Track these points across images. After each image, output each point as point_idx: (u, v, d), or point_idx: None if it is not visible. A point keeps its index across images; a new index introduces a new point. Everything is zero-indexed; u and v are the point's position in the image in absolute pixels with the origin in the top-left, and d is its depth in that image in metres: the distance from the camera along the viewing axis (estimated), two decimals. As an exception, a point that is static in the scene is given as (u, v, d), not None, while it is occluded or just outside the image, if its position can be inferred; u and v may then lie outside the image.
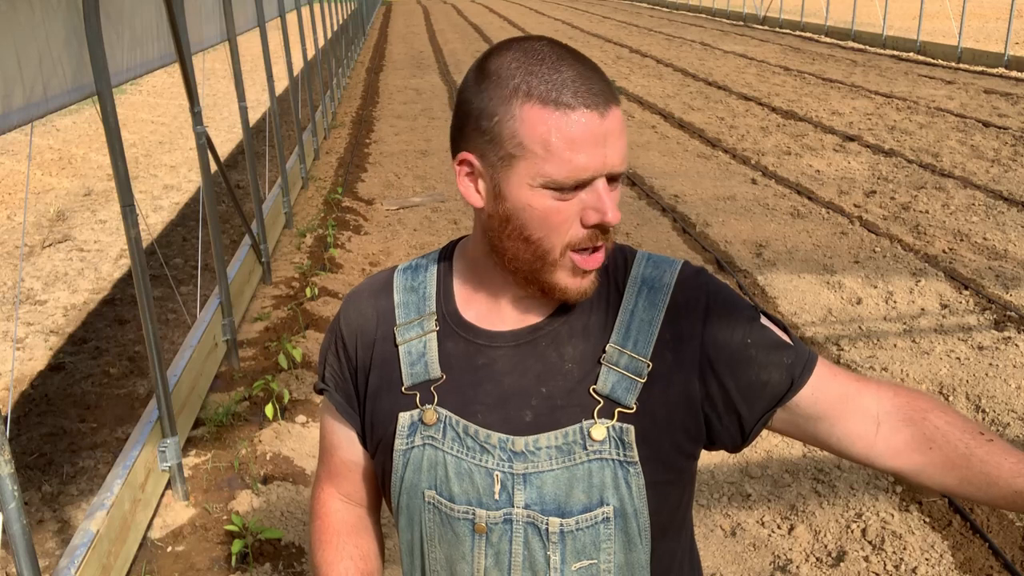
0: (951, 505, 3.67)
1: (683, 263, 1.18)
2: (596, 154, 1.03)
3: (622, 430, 1.10)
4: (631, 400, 1.11)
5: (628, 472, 1.10)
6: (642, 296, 1.15)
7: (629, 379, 1.11)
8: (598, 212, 1.05)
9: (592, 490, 1.10)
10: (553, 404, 1.12)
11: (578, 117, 1.02)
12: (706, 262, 6.62)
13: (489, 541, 1.13)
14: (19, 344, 5.64)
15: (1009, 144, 10.03)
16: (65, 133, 12.98)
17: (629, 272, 1.17)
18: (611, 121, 1.04)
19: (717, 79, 15.77)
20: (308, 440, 4.28)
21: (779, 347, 1.15)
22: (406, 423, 1.16)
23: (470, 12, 37.32)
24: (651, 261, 1.18)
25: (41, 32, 2.95)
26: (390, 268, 1.29)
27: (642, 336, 1.12)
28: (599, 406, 1.11)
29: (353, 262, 6.86)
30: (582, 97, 1.02)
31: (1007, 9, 20.50)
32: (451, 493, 1.14)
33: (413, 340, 1.18)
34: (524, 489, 1.11)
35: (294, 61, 10.07)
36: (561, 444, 1.11)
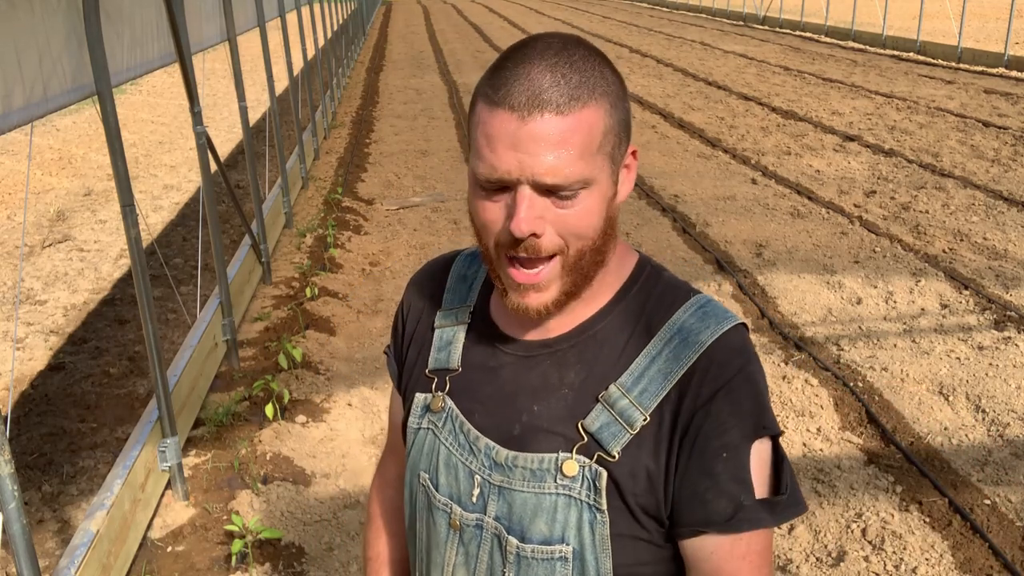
0: (951, 505, 3.67)
1: (733, 326, 1.07)
2: (510, 157, 0.99)
3: (596, 473, 1.05)
4: (615, 448, 1.05)
5: (595, 517, 1.05)
6: (671, 346, 1.06)
7: (619, 426, 1.05)
8: (509, 219, 1.01)
9: (555, 524, 1.07)
10: (539, 425, 1.09)
11: (497, 116, 0.99)
12: (706, 262, 6.62)
13: (461, 540, 1.15)
14: (19, 344, 5.64)
15: (1009, 144, 10.03)
16: (65, 133, 12.98)
17: (672, 315, 1.09)
18: (534, 127, 0.98)
19: (717, 79, 15.77)
20: (308, 440, 4.28)
21: (743, 483, 1.03)
22: (419, 404, 1.20)
23: (470, 12, 37.31)
24: (701, 311, 1.08)
25: (41, 32, 2.95)
26: (458, 250, 1.31)
27: (652, 387, 1.06)
28: (581, 443, 1.06)
29: (353, 262, 6.86)
30: (510, 97, 0.99)
31: (1007, 9, 20.49)
32: (438, 482, 1.16)
33: (447, 327, 1.21)
34: (497, 501, 1.11)
35: (294, 61, 10.07)
36: (535, 468, 1.08)
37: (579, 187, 1.01)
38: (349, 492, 3.89)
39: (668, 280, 1.14)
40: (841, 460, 4.04)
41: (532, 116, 0.98)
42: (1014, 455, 4.03)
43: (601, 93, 1.02)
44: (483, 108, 1.02)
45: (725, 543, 1.04)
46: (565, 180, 0.99)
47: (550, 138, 0.98)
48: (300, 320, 5.49)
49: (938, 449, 4.11)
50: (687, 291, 1.12)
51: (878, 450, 4.11)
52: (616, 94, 1.04)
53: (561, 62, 1.00)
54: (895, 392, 4.64)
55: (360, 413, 4.56)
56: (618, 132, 1.04)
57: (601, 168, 1.02)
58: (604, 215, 1.05)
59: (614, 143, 1.04)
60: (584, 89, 1.00)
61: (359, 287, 6.35)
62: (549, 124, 0.98)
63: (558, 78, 0.99)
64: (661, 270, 1.16)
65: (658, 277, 1.14)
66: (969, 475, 3.90)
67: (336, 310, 5.83)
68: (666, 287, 1.13)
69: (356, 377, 4.93)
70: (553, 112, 0.98)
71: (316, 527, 3.63)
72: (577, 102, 0.99)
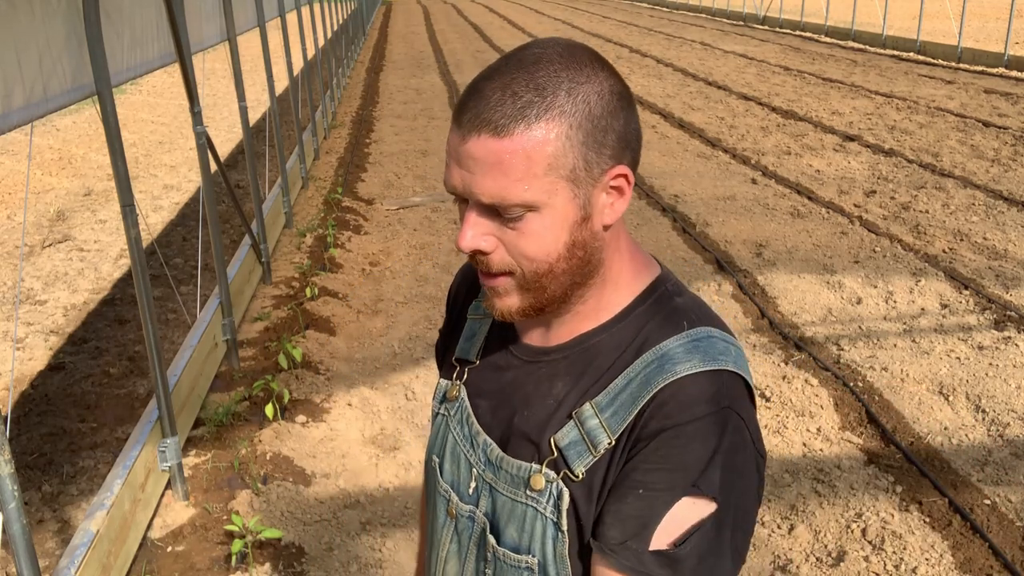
0: (951, 505, 3.67)
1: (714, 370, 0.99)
2: (456, 173, 0.98)
3: (560, 491, 1.03)
4: (579, 468, 1.02)
5: (556, 534, 1.04)
6: (647, 370, 1.01)
7: (585, 446, 1.02)
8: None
9: (523, 534, 1.06)
10: (522, 431, 1.09)
11: (451, 129, 1.00)
12: (706, 262, 6.62)
13: (456, 529, 1.17)
14: (19, 344, 5.64)
15: (1009, 144, 10.03)
16: (65, 133, 12.98)
17: (663, 340, 1.03)
18: (472, 147, 0.95)
19: (717, 79, 15.77)
20: (308, 440, 4.28)
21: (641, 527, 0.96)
22: (441, 389, 1.24)
23: (470, 12, 37.31)
24: (692, 343, 1.02)
25: (41, 32, 2.95)
26: None
27: (620, 411, 1.01)
28: (551, 457, 1.05)
29: (353, 262, 6.86)
30: (460, 113, 0.97)
31: (1007, 9, 20.49)
32: (443, 468, 1.20)
33: (476, 319, 1.23)
34: (488, 497, 1.12)
35: (294, 61, 10.07)
36: (515, 474, 1.08)
37: (522, 211, 0.97)
38: (349, 492, 3.89)
39: (679, 305, 1.07)
40: (841, 460, 4.04)
41: (471, 135, 0.96)
42: (1014, 455, 4.03)
43: (558, 113, 0.95)
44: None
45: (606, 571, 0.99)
46: (502, 202, 0.96)
47: (486, 159, 0.95)
48: (300, 320, 5.49)
49: (938, 449, 4.11)
50: (695, 320, 1.05)
51: (878, 450, 4.11)
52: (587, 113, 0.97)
53: (521, 78, 0.96)
54: (895, 392, 4.64)
55: (360, 413, 4.56)
56: (582, 154, 0.97)
57: (553, 192, 0.97)
58: (565, 239, 1.00)
59: (575, 165, 0.97)
60: (533, 109, 0.94)
61: (359, 287, 6.34)
62: (485, 145, 0.95)
63: (507, 96, 0.95)
64: (677, 293, 1.09)
65: (669, 299, 1.08)
66: (969, 475, 3.90)
67: (336, 310, 5.83)
68: (673, 311, 1.06)
69: (356, 377, 4.93)
70: (490, 133, 0.95)
71: (316, 527, 3.63)
72: (519, 122, 0.94)
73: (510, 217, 0.98)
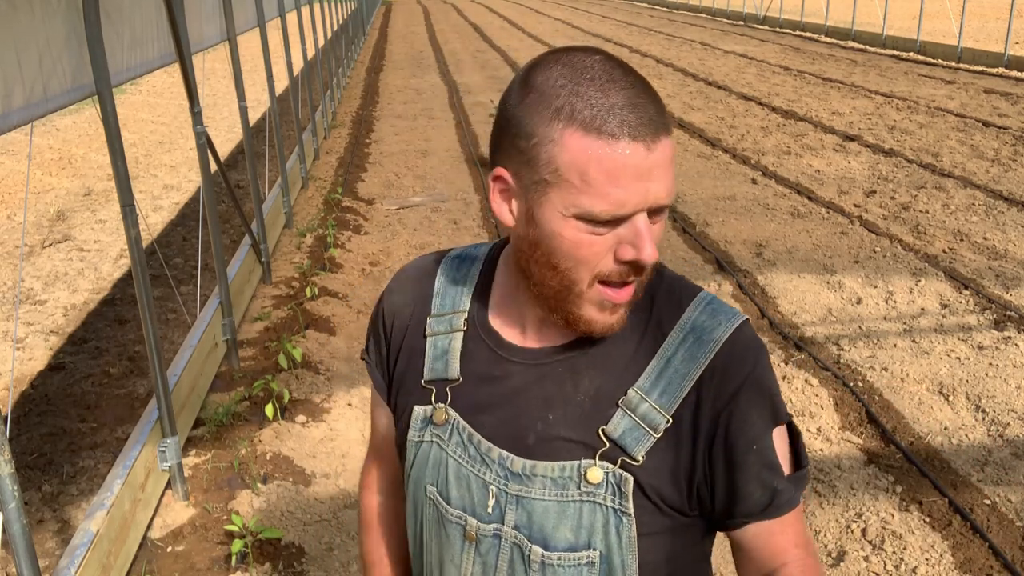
0: (951, 505, 3.67)
1: (742, 322, 1.09)
2: (637, 189, 0.96)
3: (621, 478, 1.05)
4: (639, 452, 1.05)
5: (621, 521, 1.06)
6: (685, 346, 1.06)
7: (642, 430, 1.05)
8: (634, 249, 0.99)
9: (580, 531, 1.07)
10: (557, 434, 1.08)
11: (622, 149, 0.94)
12: (706, 262, 6.62)
13: (478, 551, 1.12)
14: (19, 344, 5.64)
15: (1009, 144, 10.03)
16: (65, 133, 12.98)
17: (681, 314, 1.08)
18: (659, 153, 0.96)
19: (717, 79, 15.77)
20: (308, 440, 4.28)
21: (774, 469, 1.08)
22: (419, 417, 1.16)
23: (470, 12, 37.31)
24: (709, 308, 1.09)
25: (41, 32, 2.95)
26: (441, 252, 1.26)
27: (671, 389, 1.05)
28: (603, 449, 1.06)
29: (353, 262, 6.86)
30: (629, 127, 0.94)
31: (1007, 9, 20.50)
32: (448, 495, 1.14)
33: (440, 335, 1.17)
34: (515, 510, 1.09)
35: (294, 61, 10.07)
36: (556, 477, 1.07)
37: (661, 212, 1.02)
38: (349, 492, 3.89)
39: (669, 278, 1.13)
40: (841, 460, 4.04)
41: (657, 143, 0.96)
42: (1014, 455, 4.03)
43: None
44: (592, 143, 0.95)
45: (769, 526, 1.09)
46: (671, 199, 1.00)
47: (668, 159, 0.97)
48: (300, 320, 5.49)
49: (938, 449, 4.11)
50: (691, 289, 1.12)
51: (878, 450, 4.11)
52: None
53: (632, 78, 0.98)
54: (895, 392, 4.64)
55: (360, 413, 4.56)
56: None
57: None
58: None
59: None
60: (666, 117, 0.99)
61: (359, 287, 6.35)
62: (666, 146, 0.97)
63: (650, 96, 0.97)
64: (661, 268, 1.14)
65: (660, 276, 1.13)
66: (969, 475, 3.90)
67: (336, 310, 5.83)
68: (670, 286, 1.12)
69: (356, 377, 4.93)
70: (665, 134, 0.97)
71: (316, 527, 3.63)
72: (666, 129, 0.98)
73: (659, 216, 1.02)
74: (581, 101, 0.96)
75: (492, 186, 1.05)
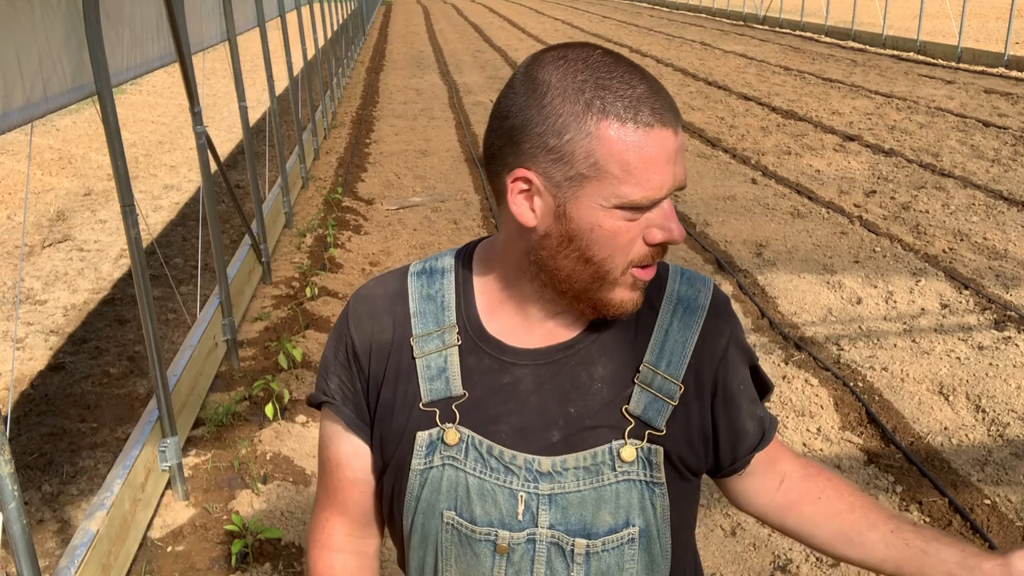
0: (951, 505, 3.67)
1: (713, 285, 1.19)
2: (667, 172, 1.00)
3: (651, 451, 1.11)
4: (662, 422, 1.11)
5: (655, 493, 1.11)
6: (677, 316, 1.15)
7: (661, 401, 1.11)
8: (664, 231, 1.03)
9: (619, 511, 1.10)
10: (582, 424, 1.10)
11: (657, 136, 0.99)
12: (706, 262, 6.62)
13: (510, 561, 1.10)
14: (19, 344, 5.65)
15: (1009, 144, 10.03)
16: (65, 133, 12.98)
17: (664, 288, 1.16)
18: (681, 136, 1.03)
19: (717, 79, 15.77)
20: (308, 440, 4.28)
21: (755, 402, 1.23)
22: (424, 442, 1.11)
23: (470, 12, 37.31)
24: (685, 277, 1.18)
25: (41, 32, 2.95)
26: (401, 269, 1.21)
27: (675, 357, 1.13)
28: (630, 427, 1.10)
29: (353, 262, 6.86)
30: (659, 115, 0.99)
31: (1007, 9, 20.50)
32: (472, 514, 1.10)
33: (432, 354, 1.12)
34: (549, 510, 1.09)
35: (294, 61, 10.07)
36: (589, 465, 1.09)
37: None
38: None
39: None
40: (841, 460, 4.04)
41: (678, 129, 1.03)
42: (1014, 455, 4.03)
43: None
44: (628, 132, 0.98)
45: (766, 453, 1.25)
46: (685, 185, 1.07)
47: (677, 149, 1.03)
48: (300, 320, 5.49)
49: (938, 449, 4.11)
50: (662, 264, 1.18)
51: (878, 450, 4.11)
52: None
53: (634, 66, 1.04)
54: (895, 392, 4.64)
55: (360, 413, 4.55)
56: None
57: None
58: None
59: None
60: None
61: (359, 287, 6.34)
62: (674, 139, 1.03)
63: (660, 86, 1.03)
64: None
65: None
66: (969, 475, 3.90)
67: (336, 310, 5.83)
68: None
69: (356, 377, 4.92)
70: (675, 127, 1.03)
71: (316, 527, 3.62)
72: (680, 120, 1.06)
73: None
74: (611, 94, 0.99)
75: (511, 188, 1.04)
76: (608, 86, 0.99)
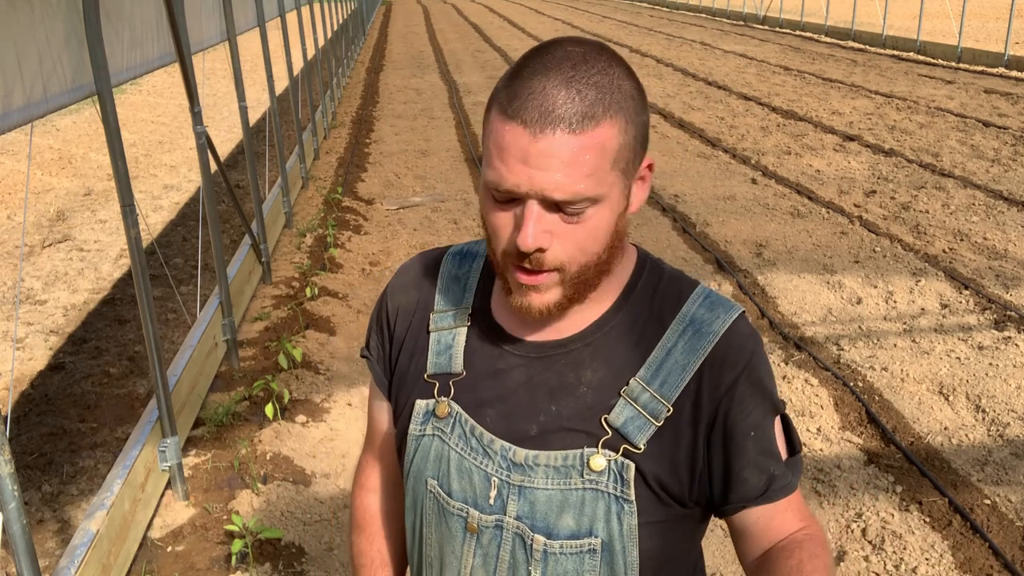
0: (951, 505, 3.67)
1: (740, 314, 1.12)
2: (520, 171, 0.98)
3: (623, 466, 1.08)
4: (641, 440, 1.08)
5: (622, 508, 1.09)
6: (685, 337, 1.10)
7: (644, 419, 1.09)
8: (517, 232, 1.02)
9: (583, 518, 1.09)
10: (560, 424, 1.10)
11: (510, 129, 0.99)
12: (706, 262, 6.62)
13: (479, 542, 1.14)
14: (19, 344, 5.64)
15: (1009, 144, 10.03)
16: (65, 133, 12.98)
17: (681, 307, 1.12)
18: (546, 144, 0.97)
19: (717, 79, 15.77)
20: (308, 440, 4.28)
21: (771, 455, 1.11)
22: (421, 410, 1.18)
23: (470, 12, 37.31)
24: (707, 301, 1.13)
25: (41, 32, 2.95)
26: (443, 248, 1.29)
27: (671, 379, 1.09)
28: (606, 437, 1.09)
29: (353, 262, 6.86)
30: (524, 112, 0.98)
31: (1007, 9, 20.50)
32: (450, 488, 1.15)
33: (444, 330, 1.19)
34: (518, 500, 1.11)
35: (294, 61, 10.07)
36: (559, 466, 1.09)
37: (587, 204, 1.01)
38: (349, 492, 3.89)
39: (669, 273, 1.17)
40: (841, 460, 4.04)
41: (544, 133, 0.97)
42: (1014, 455, 4.03)
43: (617, 109, 1.00)
44: (497, 118, 1.01)
45: (768, 510, 1.13)
46: (573, 197, 0.99)
47: (561, 156, 0.98)
48: (300, 320, 5.49)
49: (938, 449, 4.11)
50: (690, 283, 1.16)
51: (878, 450, 4.11)
52: (634, 108, 1.03)
53: (579, 76, 0.99)
54: (895, 392, 4.64)
55: (360, 413, 4.56)
56: (633, 147, 1.04)
57: (613, 184, 1.02)
58: (612, 229, 1.06)
59: (628, 158, 1.03)
60: (600, 106, 0.99)
61: (359, 287, 6.35)
62: (560, 142, 0.97)
63: (573, 94, 0.98)
64: (660, 263, 1.19)
65: (660, 270, 1.17)
66: (969, 475, 3.90)
67: (336, 310, 5.83)
68: (669, 280, 1.16)
69: (356, 377, 4.93)
70: (565, 130, 0.97)
71: (316, 527, 3.63)
72: (591, 120, 0.98)
73: (573, 212, 1.01)
74: (510, 84, 1.02)
75: None
76: (516, 77, 1.01)
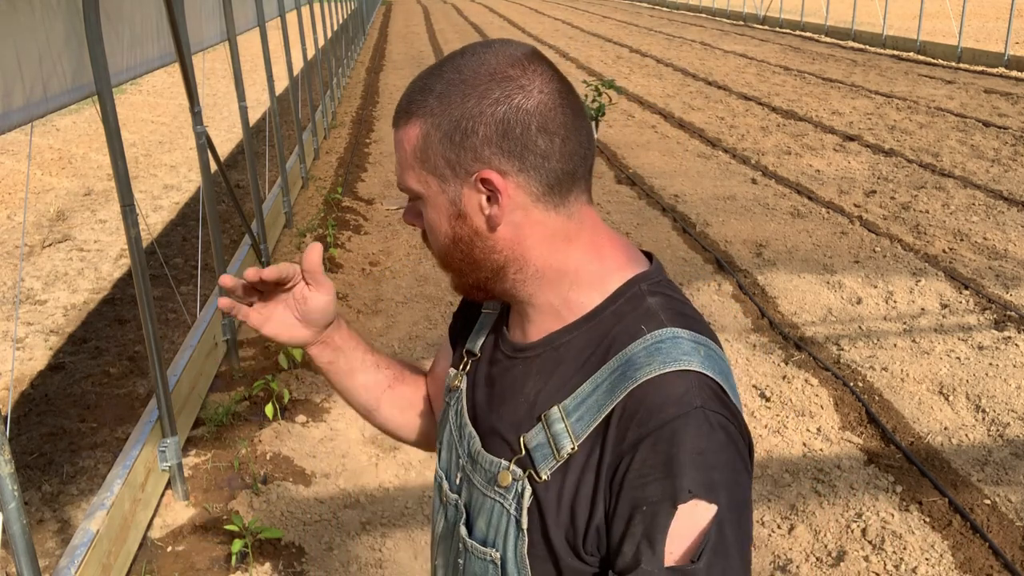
0: (951, 505, 3.67)
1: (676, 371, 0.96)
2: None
3: (523, 490, 1.03)
4: (544, 470, 1.01)
5: (518, 533, 1.04)
6: (611, 378, 0.99)
7: (550, 449, 1.01)
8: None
9: (490, 528, 1.08)
10: (497, 429, 1.10)
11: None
12: (706, 262, 6.62)
13: (446, 516, 1.19)
14: (19, 344, 5.64)
15: (1009, 144, 10.03)
16: (65, 133, 12.98)
17: (628, 345, 1.00)
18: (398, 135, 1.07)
19: (717, 79, 15.77)
20: (308, 440, 4.28)
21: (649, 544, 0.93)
22: (450, 377, 1.25)
23: (470, 12, 37.30)
24: (653, 347, 0.98)
25: (41, 32, 2.95)
26: None
27: (586, 417, 0.99)
28: (520, 456, 1.05)
29: (353, 262, 6.86)
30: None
31: (1007, 9, 20.50)
32: (440, 455, 1.23)
33: (489, 313, 1.24)
34: (467, 489, 1.14)
35: (294, 61, 10.07)
36: (487, 469, 1.10)
37: (415, 196, 1.08)
38: (349, 492, 3.89)
39: (648, 307, 1.03)
40: (841, 460, 4.04)
41: (396, 126, 1.08)
42: (1014, 455, 4.03)
43: (425, 113, 1.02)
44: None
45: None
46: (400, 187, 1.09)
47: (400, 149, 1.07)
48: (300, 320, 5.48)
49: (938, 449, 4.11)
50: (660, 323, 1.01)
51: (878, 450, 4.11)
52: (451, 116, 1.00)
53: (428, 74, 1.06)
54: (895, 392, 4.64)
55: (360, 413, 4.55)
56: (442, 151, 1.01)
57: (426, 183, 1.05)
58: (447, 231, 1.06)
59: (436, 161, 1.03)
60: (415, 105, 1.04)
61: (359, 287, 6.35)
62: (394, 135, 1.09)
63: (409, 92, 1.07)
64: (649, 294, 1.05)
65: (639, 301, 1.04)
66: (969, 475, 3.90)
67: (336, 310, 5.82)
68: (642, 314, 1.02)
69: (356, 377, 4.92)
70: (394, 125, 1.09)
71: (316, 527, 3.63)
72: (405, 116, 1.06)
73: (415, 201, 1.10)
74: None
75: None
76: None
